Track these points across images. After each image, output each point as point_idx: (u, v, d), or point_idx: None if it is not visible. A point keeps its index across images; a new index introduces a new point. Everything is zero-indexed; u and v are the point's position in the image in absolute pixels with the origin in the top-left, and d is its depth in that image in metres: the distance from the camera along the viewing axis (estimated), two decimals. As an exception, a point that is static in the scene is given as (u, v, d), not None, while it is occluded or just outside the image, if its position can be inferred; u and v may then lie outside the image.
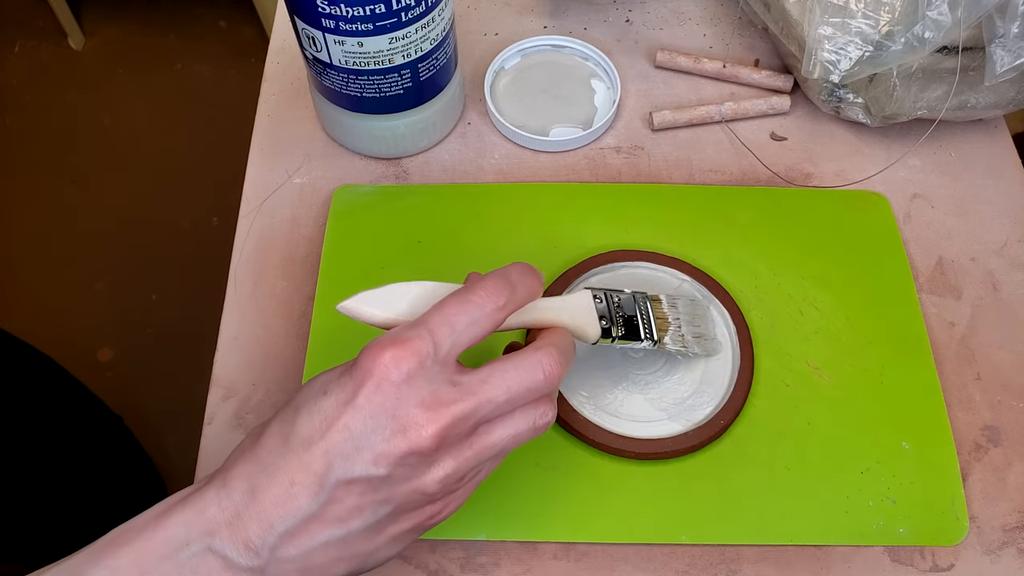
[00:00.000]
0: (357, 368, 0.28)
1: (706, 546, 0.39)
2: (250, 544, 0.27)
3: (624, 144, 0.52)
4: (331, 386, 0.28)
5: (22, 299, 1.29)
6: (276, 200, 0.50)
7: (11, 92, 1.51)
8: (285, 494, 0.27)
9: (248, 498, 0.28)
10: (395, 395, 0.27)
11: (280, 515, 0.27)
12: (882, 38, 0.45)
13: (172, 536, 0.28)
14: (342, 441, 0.27)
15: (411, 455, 0.27)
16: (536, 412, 0.30)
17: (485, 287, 0.30)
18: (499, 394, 0.29)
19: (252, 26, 1.56)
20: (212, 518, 0.28)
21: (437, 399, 0.28)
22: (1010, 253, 0.48)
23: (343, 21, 0.40)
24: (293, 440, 0.28)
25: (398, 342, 0.28)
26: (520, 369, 0.29)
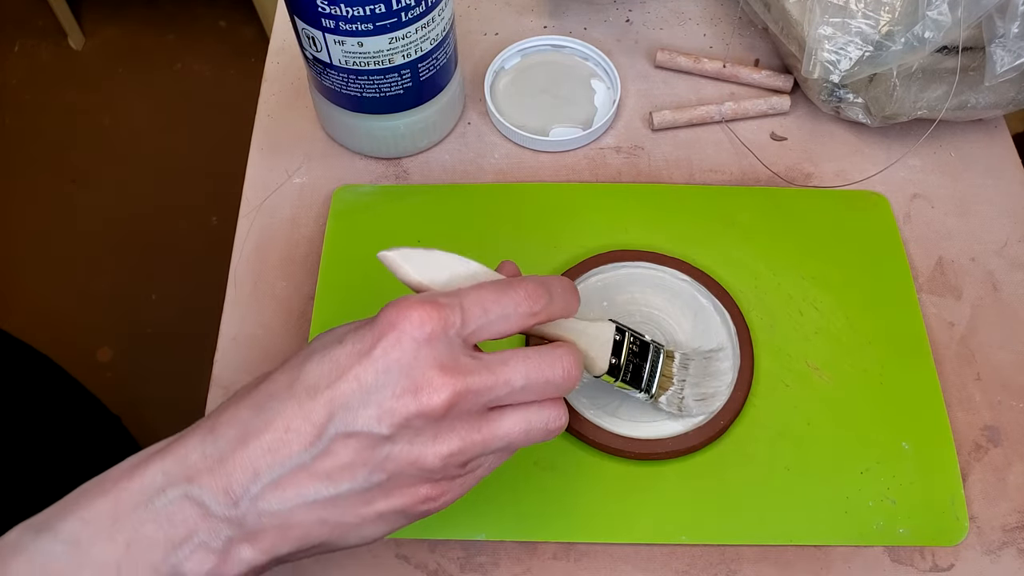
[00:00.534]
0: (379, 321, 0.27)
1: (706, 546, 0.39)
2: (230, 491, 0.26)
3: (624, 144, 0.52)
4: (348, 336, 0.27)
5: (22, 299, 1.29)
6: (276, 200, 0.50)
7: (11, 92, 1.51)
8: (278, 441, 0.26)
9: (236, 443, 0.26)
10: (414, 353, 0.26)
11: (268, 463, 0.26)
12: (882, 38, 0.45)
13: (149, 484, 0.26)
14: (350, 392, 0.26)
15: (418, 417, 0.26)
16: (550, 413, 0.30)
17: (526, 288, 0.29)
18: (517, 378, 0.28)
19: (252, 26, 1.56)
20: (193, 464, 0.26)
21: (456, 365, 0.27)
22: (1010, 253, 0.48)
23: (343, 21, 0.40)
24: (298, 386, 0.27)
25: (429, 303, 0.27)
26: (541, 359, 0.29)
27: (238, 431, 0.27)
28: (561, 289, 0.31)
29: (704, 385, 0.41)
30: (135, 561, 0.25)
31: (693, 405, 0.40)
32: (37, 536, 0.26)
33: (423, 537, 0.39)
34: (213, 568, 0.26)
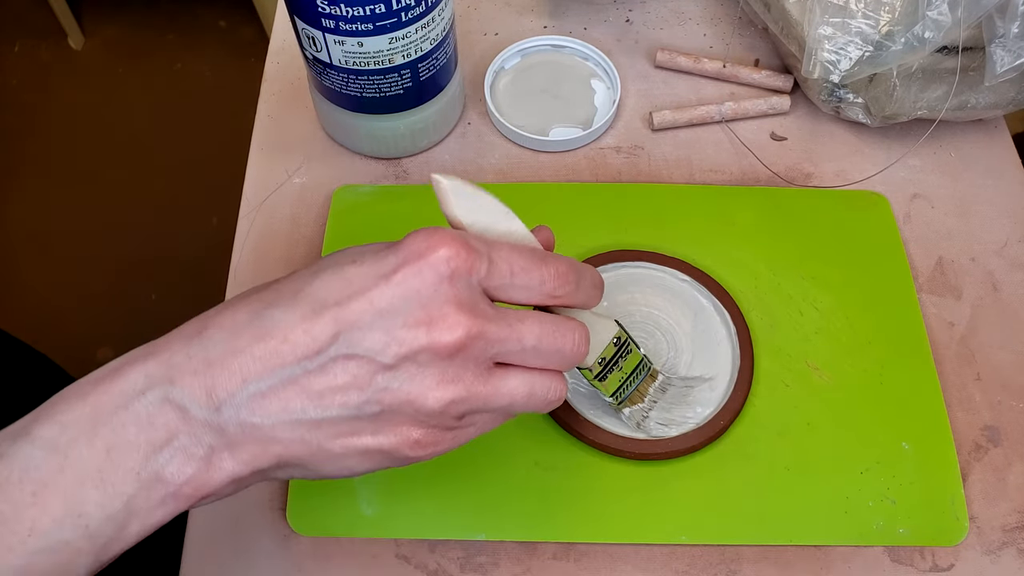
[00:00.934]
0: (404, 246, 0.26)
1: (706, 546, 0.39)
2: (214, 394, 0.25)
3: (624, 144, 0.52)
4: (365, 257, 0.26)
5: (22, 299, 1.29)
6: (276, 200, 0.50)
7: (11, 92, 1.51)
8: (272, 350, 0.25)
9: (226, 347, 0.25)
10: (435, 286, 0.25)
11: (258, 371, 0.25)
12: (882, 38, 0.45)
13: (130, 386, 0.25)
14: (361, 313, 0.25)
15: (427, 352, 0.25)
16: (553, 383, 0.29)
17: (558, 269, 0.28)
18: (530, 338, 0.27)
19: (252, 26, 1.56)
20: (177, 365, 0.25)
21: (475, 308, 0.26)
22: (1010, 253, 0.48)
23: (343, 21, 0.40)
24: (304, 298, 0.25)
25: (460, 242, 0.26)
26: (556, 327, 0.28)
27: (230, 335, 0.25)
28: (590, 281, 0.30)
29: (674, 411, 0.41)
30: (116, 466, 0.24)
31: (654, 427, 0.40)
32: (14, 442, 0.25)
33: (423, 537, 0.39)
34: (195, 474, 0.25)
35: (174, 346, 0.26)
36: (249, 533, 0.40)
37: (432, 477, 0.40)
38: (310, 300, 0.25)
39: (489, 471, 0.40)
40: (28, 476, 0.24)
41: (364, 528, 0.39)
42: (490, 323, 0.26)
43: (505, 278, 0.27)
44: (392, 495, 0.40)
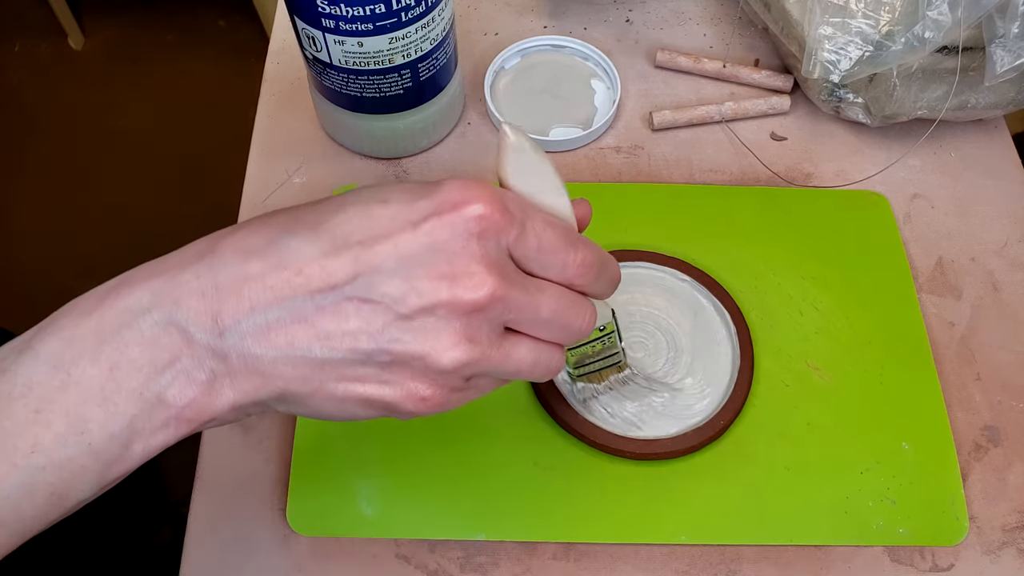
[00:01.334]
0: (439, 195, 0.25)
1: (706, 546, 0.39)
2: (219, 320, 0.24)
3: (624, 144, 0.52)
4: (395, 197, 0.25)
5: (22, 299, 1.29)
6: (276, 200, 0.50)
7: (11, 92, 1.51)
8: (285, 281, 0.24)
9: (236, 271, 0.24)
10: (464, 242, 0.24)
11: (267, 301, 0.24)
12: (882, 38, 0.45)
13: (135, 304, 0.24)
14: (384, 256, 0.24)
15: (446, 307, 0.24)
16: (555, 356, 0.28)
17: (585, 259, 0.27)
18: (546, 311, 0.26)
19: (252, 26, 1.56)
20: (184, 284, 0.24)
21: (502, 270, 0.25)
22: (1010, 253, 0.48)
23: (343, 21, 0.40)
24: (325, 232, 0.24)
25: (497, 202, 0.25)
26: (572, 304, 0.27)
27: (242, 258, 0.24)
28: (609, 277, 0.29)
29: (627, 406, 0.41)
30: (119, 385, 0.24)
31: (597, 407, 0.41)
32: (19, 357, 0.24)
33: (423, 537, 0.39)
34: (196, 398, 0.24)
35: (184, 261, 0.25)
36: (249, 533, 0.40)
37: (432, 477, 0.40)
38: (331, 234, 0.24)
39: (489, 471, 0.40)
40: (31, 392, 0.24)
41: (364, 528, 0.39)
42: (513, 288, 0.25)
43: (531, 251, 0.26)
44: (392, 495, 0.40)
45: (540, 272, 0.27)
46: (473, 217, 0.24)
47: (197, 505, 0.40)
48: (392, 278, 0.24)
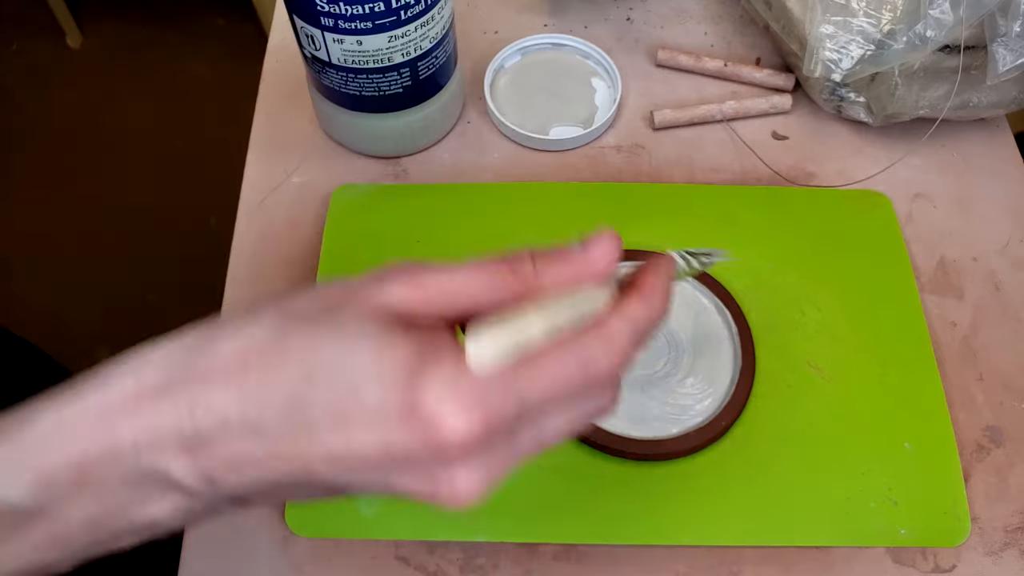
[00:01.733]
0: (420, 418, 0.22)
1: (707, 547, 0.39)
2: (212, 478, 0.22)
3: (625, 143, 0.52)
4: (369, 407, 0.22)
5: (22, 299, 1.29)
6: (275, 199, 0.49)
7: (9, 91, 1.51)
8: (272, 452, 0.22)
9: (221, 430, 0.22)
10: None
11: (258, 469, 0.22)
12: (884, 37, 0.45)
13: (120, 449, 0.22)
14: (363, 463, 0.23)
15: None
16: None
17: (609, 365, 0.24)
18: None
19: (251, 25, 1.56)
20: (166, 440, 0.22)
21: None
22: (1012, 253, 0.48)
23: (342, 19, 0.40)
24: (297, 409, 0.22)
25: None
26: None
27: (226, 417, 0.22)
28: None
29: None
30: (103, 527, 0.23)
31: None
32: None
33: (422, 538, 0.39)
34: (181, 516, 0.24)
35: (162, 407, 0.22)
36: (248, 534, 0.40)
37: (432, 478, 0.40)
38: (303, 413, 0.22)
39: (489, 472, 0.40)
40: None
41: (363, 529, 0.39)
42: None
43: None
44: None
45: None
46: (456, 445, 0.22)
47: (195, 506, 0.40)
48: (373, 474, 0.23)
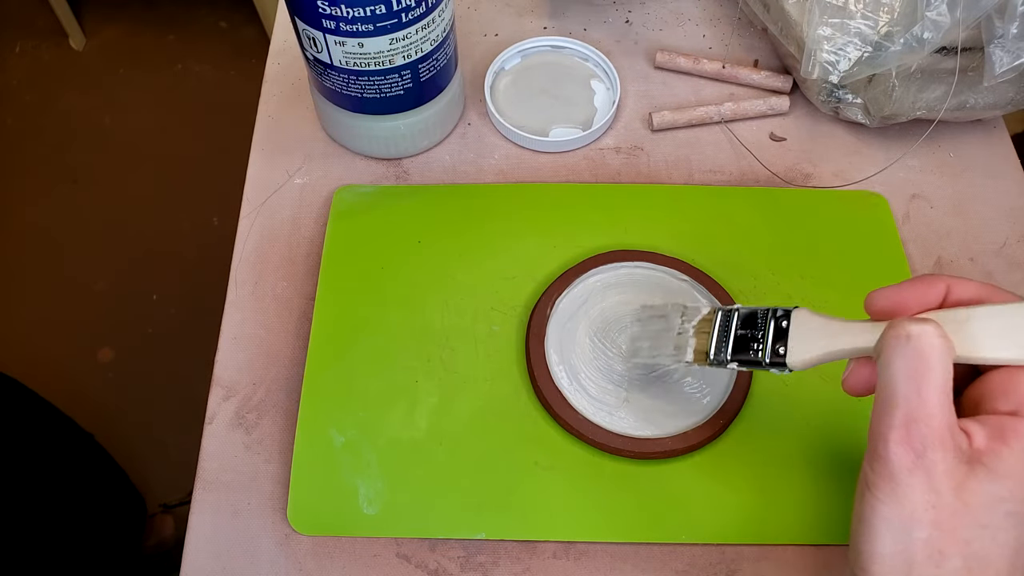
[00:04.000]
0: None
1: (706, 546, 0.39)
2: None
3: (624, 144, 0.52)
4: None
5: (22, 299, 1.29)
6: (277, 200, 0.50)
7: (11, 92, 1.52)
8: None
9: None
10: None
11: None
12: (881, 39, 0.45)
13: None
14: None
15: None
16: None
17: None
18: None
19: (253, 27, 1.56)
20: None
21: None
22: (1009, 253, 0.48)
23: (343, 22, 0.40)
24: None
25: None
26: None
27: None
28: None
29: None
30: None
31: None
32: None
33: (423, 536, 0.39)
34: None
35: None
36: (250, 532, 0.40)
37: (432, 477, 0.40)
38: None
39: (489, 471, 0.40)
40: None
41: (365, 527, 0.39)
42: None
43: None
44: (392, 494, 0.40)
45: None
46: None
47: (198, 505, 0.41)
48: None
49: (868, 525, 0.26)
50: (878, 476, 0.26)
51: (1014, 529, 0.25)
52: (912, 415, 0.26)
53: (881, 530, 0.26)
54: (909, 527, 0.25)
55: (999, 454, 0.25)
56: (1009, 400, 0.26)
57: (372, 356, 0.43)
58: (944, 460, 0.25)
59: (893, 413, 0.26)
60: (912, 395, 0.26)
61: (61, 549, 0.72)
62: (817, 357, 0.32)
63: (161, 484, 1.08)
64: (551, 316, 0.44)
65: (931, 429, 0.25)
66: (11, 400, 0.74)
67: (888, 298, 0.30)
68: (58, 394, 0.82)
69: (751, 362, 0.34)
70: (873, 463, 0.27)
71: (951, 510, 0.25)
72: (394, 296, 0.45)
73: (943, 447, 0.25)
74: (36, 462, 0.73)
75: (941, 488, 0.25)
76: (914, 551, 0.25)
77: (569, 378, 0.42)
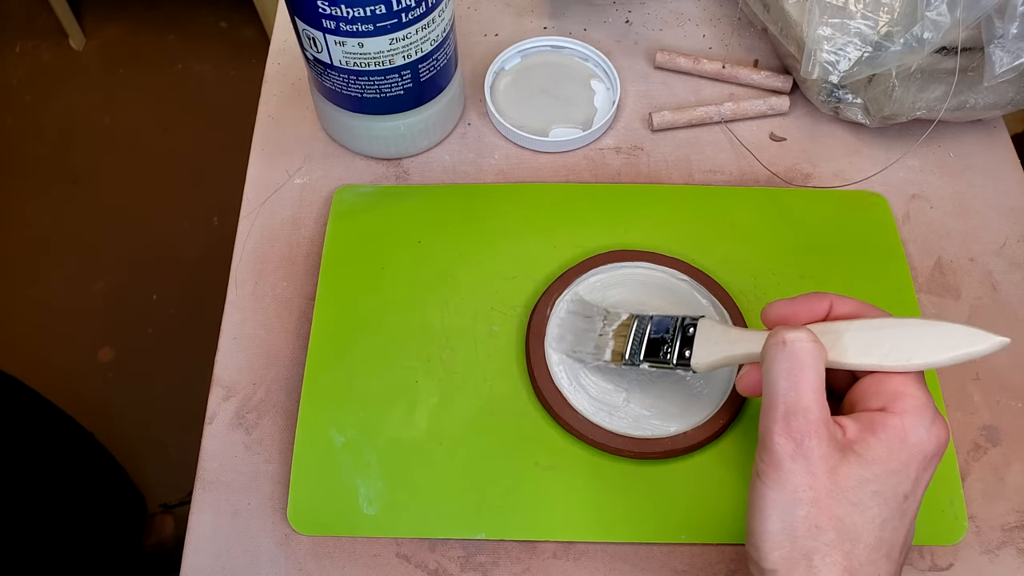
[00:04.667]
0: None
1: (705, 545, 0.39)
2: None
3: (624, 144, 0.52)
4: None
5: (22, 299, 1.29)
6: (277, 200, 0.50)
7: (12, 92, 1.52)
8: None
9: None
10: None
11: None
12: (881, 39, 0.45)
13: None
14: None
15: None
16: None
17: None
18: None
19: (253, 27, 1.56)
20: None
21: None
22: (1009, 253, 0.48)
23: (343, 22, 0.40)
24: None
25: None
26: None
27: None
28: None
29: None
30: None
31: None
32: None
33: (423, 536, 0.39)
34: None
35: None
36: (250, 532, 0.40)
37: (432, 477, 0.40)
38: None
39: (489, 471, 0.40)
40: None
41: (365, 527, 0.39)
42: None
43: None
44: (392, 494, 0.40)
45: None
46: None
47: (198, 505, 0.41)
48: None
49: (758, 508, 0.30)
50: (766, 465, 0.30)
51: (879, 507, 0.29)
52: (791, 409, 0.29)
53: (768, 511, 0.29)
54: (792, 506, 0.29)
55: (868, 443, 0.29)
56: (878, 399, 0.31)
57: (372, 356, 0.43)
58: (820, 447, 0.29)
59: (775, 409, 0.30)
60: (790, 392, 0.30)
61: (61, 547, 0.72)
62: (717, 361, 0.36)
63: (161, 484, 1.08)
64: (551, 316, 0.44)
65: (808, 422, 0.29)
66: (11, 399, 0.74)
67: (781, 310, 0.34)
68: (58, 394, 0.82)
69: (661, 363, 0.39)
70: (762, 454, 0.30)
71: (826, 490, 0.29)
72: (394, 296, 0.45)
73: (819, 436, 0.29)
74: (36, 461, 0.73)
75: (817, 471, 0.29)
76: (796, 526, 0.29)
77: (569, 378, 0.42)
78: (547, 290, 0.44)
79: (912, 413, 0.30)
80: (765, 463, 0.30)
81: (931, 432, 0.30)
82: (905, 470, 0.29)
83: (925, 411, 0.30)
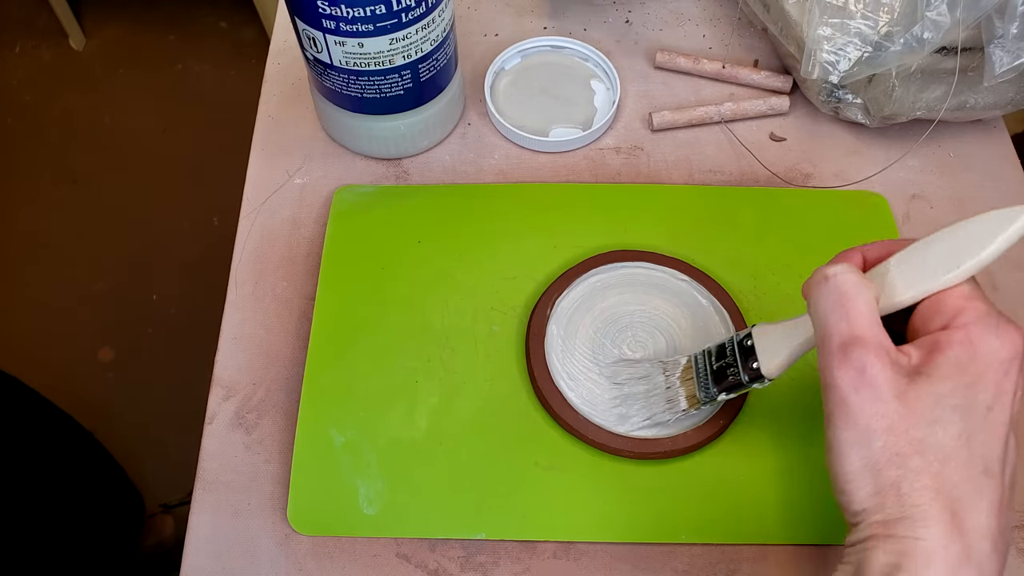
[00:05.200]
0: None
1: (706, 546, 0.40)
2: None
3: (624, 144, 0.52)
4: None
5: (22, 299, 1.29)
6: (277, 200, 0.50)
7: (11, 92, 1.52)
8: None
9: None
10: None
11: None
12: (881, 39, 0.45)
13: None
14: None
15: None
16: None
17: None
18: None
19: (253, 27, 1.56)
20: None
21: None
22: (1009, 253, 0.48)
23: (343, 22, 0.40)
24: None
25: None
26: None
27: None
28: None
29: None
30: None
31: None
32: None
33: (423, 536, 0.39)
34: None
35: None
36: (250, 532, 0.40)
37: (432, 477, 0.40)
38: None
39: (489, 471, 0.40)
40: None
41: (365, 527, 0.39)
42: None
43: None
44: (393, 494, 0.40)
45: None
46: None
47: (198, 505, 0.41)
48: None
49: (835, 452, 0.28)
50: (832, 404, 0.28)
51: (962, 421, 0.27)
52: (845, 340, 0.28)
53: (845, 452, 0.28)
54: (867, 439, 0.27)
55: (936, 362, 0.28)
56: (938, 318, 0.29)
57: (372, 356, 0.43)
58: (884, 371, 0.28)
59: (830, 342, 0.29)
60: (842, 323, 0.29)
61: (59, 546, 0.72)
62: (784, 358, 0.35)
63: (161, 484, 1.08)
64: (551, 316, 0.44)
65: (865, 348, 0.28)
66: (11, 399, 0.74)
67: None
68: (58, 394, 0.82)
69: (735, 386, 0.37)
70: (826, 395, 0.29)
71: (899, 415, 0.27)
72: (394, 296, 0.45)
73: (880, 361, 0.28)
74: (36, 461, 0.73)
75: (886, 397, 0.27)
76: (876, 458, 0.27)
77: (569, 378, 0.42)
78: (547, 290, 0.44)
79: (976, 323, 0.28)
80: (831, 403, 0.28)
81: (1000, 337, 0.28)
82: (982, 381, 0.28)
83: (989, 318, 0.28)
